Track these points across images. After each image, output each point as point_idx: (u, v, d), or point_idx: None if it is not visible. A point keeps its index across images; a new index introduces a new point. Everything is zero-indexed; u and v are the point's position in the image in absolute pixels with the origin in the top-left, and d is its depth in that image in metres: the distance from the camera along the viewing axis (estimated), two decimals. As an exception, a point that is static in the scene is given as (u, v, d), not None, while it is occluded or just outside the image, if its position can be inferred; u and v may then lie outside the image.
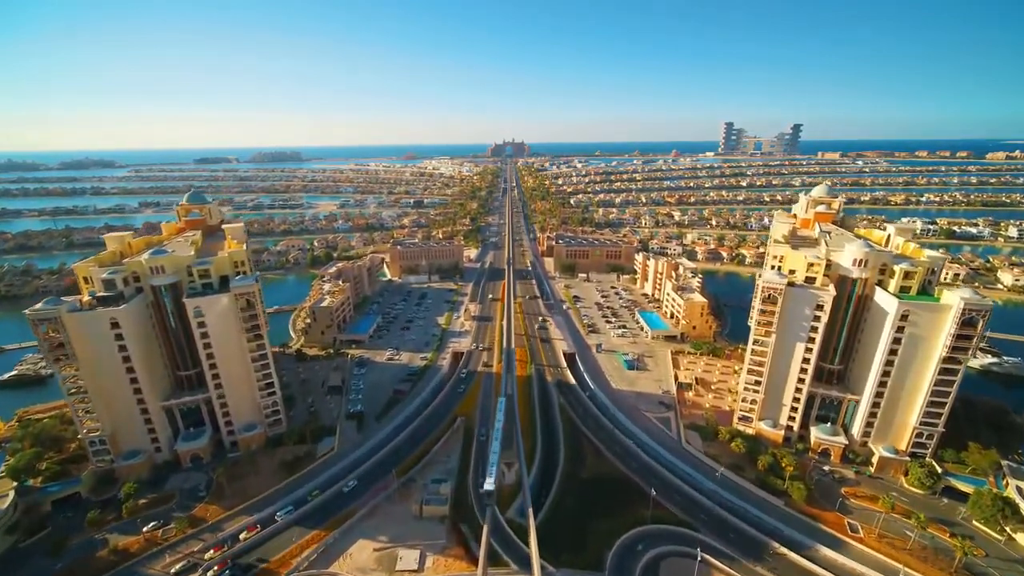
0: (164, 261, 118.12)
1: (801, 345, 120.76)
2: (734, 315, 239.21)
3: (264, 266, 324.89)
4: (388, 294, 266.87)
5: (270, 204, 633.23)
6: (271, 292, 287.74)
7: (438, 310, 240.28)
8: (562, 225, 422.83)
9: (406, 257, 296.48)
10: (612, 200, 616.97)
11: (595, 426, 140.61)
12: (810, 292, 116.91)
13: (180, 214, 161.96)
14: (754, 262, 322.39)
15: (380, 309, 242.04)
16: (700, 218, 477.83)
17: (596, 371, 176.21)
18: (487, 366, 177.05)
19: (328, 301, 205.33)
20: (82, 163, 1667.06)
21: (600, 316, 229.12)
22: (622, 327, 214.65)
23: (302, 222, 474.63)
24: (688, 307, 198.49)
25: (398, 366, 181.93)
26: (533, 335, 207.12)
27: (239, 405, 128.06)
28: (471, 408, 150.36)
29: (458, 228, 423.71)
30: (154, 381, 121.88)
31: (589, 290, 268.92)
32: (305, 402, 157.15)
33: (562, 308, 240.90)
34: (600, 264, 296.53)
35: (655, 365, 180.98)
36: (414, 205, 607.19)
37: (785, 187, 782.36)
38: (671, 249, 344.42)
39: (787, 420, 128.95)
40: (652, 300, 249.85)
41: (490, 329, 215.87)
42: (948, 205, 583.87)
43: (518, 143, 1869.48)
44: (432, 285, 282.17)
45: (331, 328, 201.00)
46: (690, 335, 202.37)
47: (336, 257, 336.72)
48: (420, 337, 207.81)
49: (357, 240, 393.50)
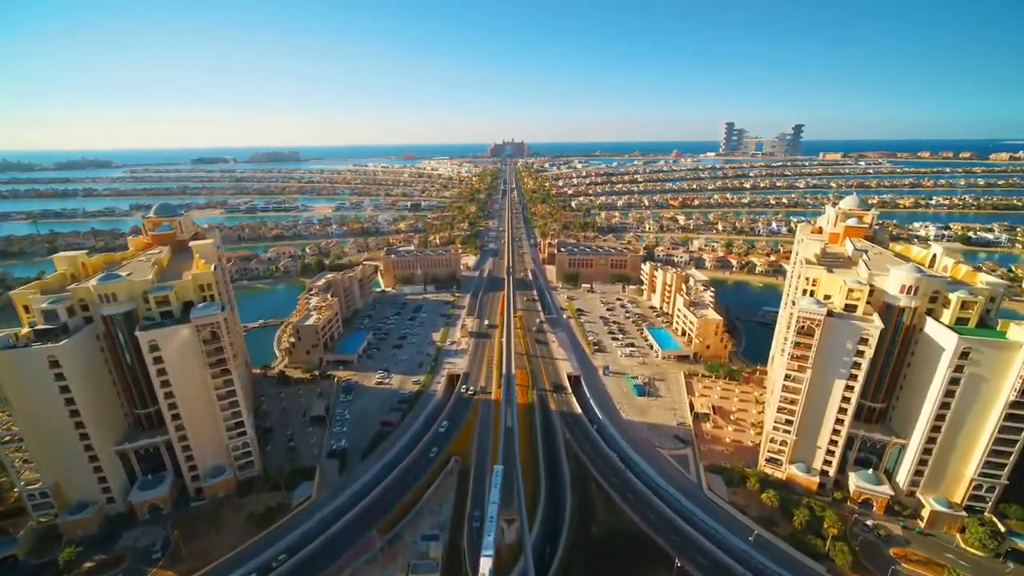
0: (116, 288, 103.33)
1: (841, 382, 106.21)
2: (748, 330, 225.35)
3: (252, 275, 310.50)
4: (381, 307, 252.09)
5: (264, 207, 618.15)
6: (258, 303, 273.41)
7: (433, 325, 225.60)
8: (563, 230, 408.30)
9: (400, 266, 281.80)
10: (614, 203, 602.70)
11: (605, 467, 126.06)
12: (853, 324, 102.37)
13: (146, 228, 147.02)
14: (765, 271, 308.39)
15: (372, 324, 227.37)
16: (706, 222, 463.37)
17: (603, 397, 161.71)
18: (485, 392, 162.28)
19: (314, 318, 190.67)
20: (77, 163, 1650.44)
21: (606, 332, 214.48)
22: (630, 345, 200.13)
23: (295, 226, 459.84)
24: (702, 325, 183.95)
25: (388, 391, 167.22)
26: (535, 354, 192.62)
27: (204, 447, 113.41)
28: (467, 445, 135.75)
29: (456, 233, 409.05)
30: (106, 423, 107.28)
31: (593, 302, 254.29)
32: (284, 435, 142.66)
33: (565, 323, 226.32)
34: (604, 274, 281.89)
35: (667, 390, 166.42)
36: (411, 208, 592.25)
37: (789, 189, 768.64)
38: (678, 256, 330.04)
39: (822, 464, 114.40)
40: (661, 313, 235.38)
41: (489, 347, 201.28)
42: (958, 208, 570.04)
43: (518, 143, 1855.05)
44: (428, 296, 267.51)
45: (317, 348, 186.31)
46: (704, 355, 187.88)
47: (328, 265, 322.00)
48: (413, 357, 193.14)
49: (351, 246, 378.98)
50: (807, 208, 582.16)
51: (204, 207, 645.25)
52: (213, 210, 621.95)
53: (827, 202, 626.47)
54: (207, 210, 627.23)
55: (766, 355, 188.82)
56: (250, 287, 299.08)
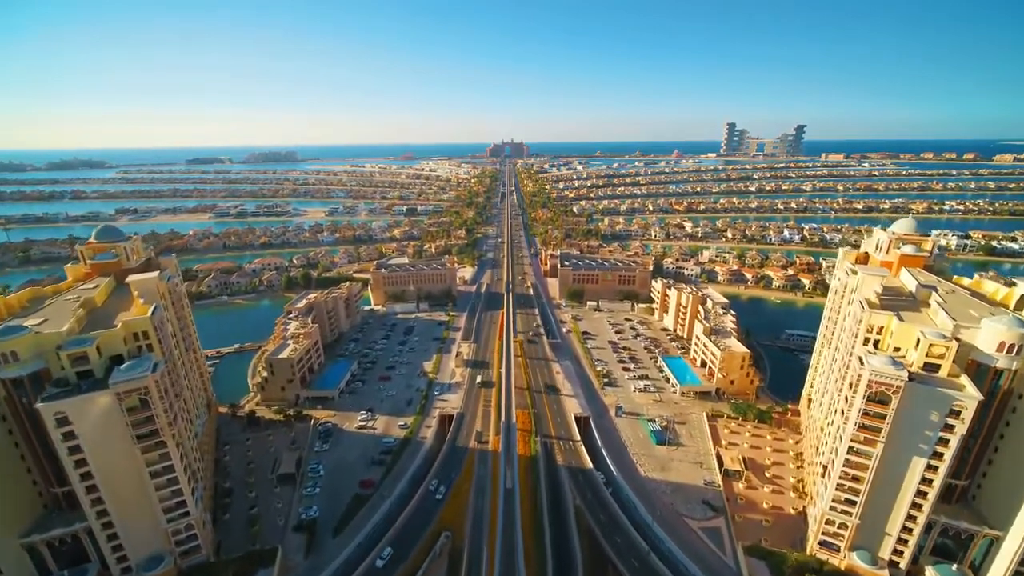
0: (18, 344, 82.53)
1: (921, 460, 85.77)
2: (771, 356, 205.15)
3: (234, 289, 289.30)
4: (369, 328, 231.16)
5: (254, 211, 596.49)
6: (238, 322, 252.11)
7: (425, 351, 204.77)
8: (565, 239, 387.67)
9: (391, 282, 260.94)
10: (617, 207, 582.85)
11: (625, 546, 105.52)
12: (943, 393, 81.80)
13: (85, 255, 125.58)
14: (782, 285, 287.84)
15: (358, 349, 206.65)
16: (714, 229, 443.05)
17: (617, 446, 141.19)
18: (482, 442, 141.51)
19: (290, 349, 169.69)
20: (70, 164, 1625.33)
21: (616, 361, 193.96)
22: (643, 377, 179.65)
23: (285, 233, 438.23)
24: (726, 359, 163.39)
25: (371, 437, 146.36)
26: (537, 389, 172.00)
27: (136, 533, 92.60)
28: (459, 513, 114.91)
29: (452, 242, 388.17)
30: (8, 509, 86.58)
31: (600, 323, 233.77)
32: (247, 498, 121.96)
33: (570, 348, 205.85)
34: (611, 290, 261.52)
35: (689, 436, 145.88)
36: (407, 213, 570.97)
37: (796, 192, 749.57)
38: (688, 269, 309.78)
39: (892, 554, 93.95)
40: (675, 337, 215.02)
41: (486, 378, 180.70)
42: (973, 214, 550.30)
43: (517, 143, 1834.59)
44: (420, 315, 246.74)
45: (293, 383, 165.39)
46: (727, 391, 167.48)
47: (315, 278, 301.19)
48: (401, 391, 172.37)
49: (341, 255, 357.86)
50: (816, 214, 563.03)
51: (194, 211, 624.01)
52: (202, 214, 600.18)
53: (833, 205, 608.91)
54: (196, 214, 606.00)
55: (795, 389, 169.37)
56: (230, 304, 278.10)
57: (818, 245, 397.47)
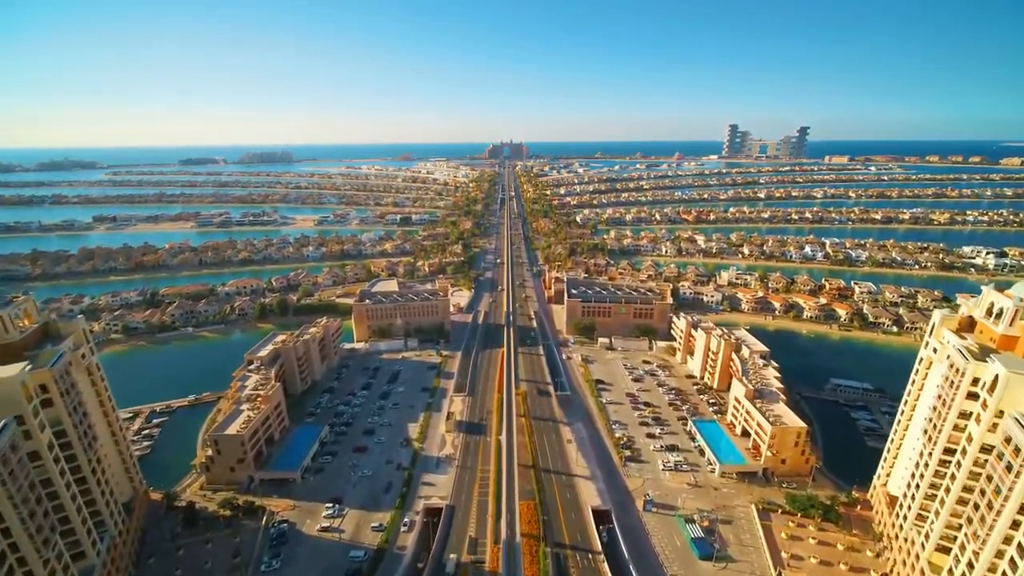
0: None
1: None
2: (818, 414, 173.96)
3: (200, 319, 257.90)
4: (348, 373, 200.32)
5: (239, 220, 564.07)
6: (202, 360, 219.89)
7: (411, 407, 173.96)
8: (570, 256, 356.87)
9: (376, 315, 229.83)
10: (622, 216, 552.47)
11: None
12: None
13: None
14: (814, 316, 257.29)
15: (331, 404, 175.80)
16: (728, 244, 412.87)
17: (649, 560, 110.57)
18: (477, 561, 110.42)
19: (243, 419, 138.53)
20: (60, 164, 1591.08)
21: (637, 422, 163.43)
22: (673, 448, 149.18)
23: (267, 247, 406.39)
24: (779, 437, 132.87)
25: (336, 546, 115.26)
26: (546, 467, 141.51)
27: None
28: None
29: (448, 259, 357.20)
30: None
31: (615, 367, 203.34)
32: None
33: (582, 404, 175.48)
34: (626, 325, 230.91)
35: (739, 543, 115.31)
36: (400, 222, 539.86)
37: (807, 200, 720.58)
38: (708, 296, 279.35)
39: None
40: (703, 388, 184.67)
41: (483, 448, 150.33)
42: (998, 226, 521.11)
43: (516, 144, 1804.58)
44: (408, 355, 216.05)
45: (245, 463, 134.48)
46: (777, 471, 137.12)
47: (295, 304, 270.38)
48: (379, 470, 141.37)
49: (325, 275, 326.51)
50: (832, 224, 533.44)
51: (176, 219, 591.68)
52: (184, 223, 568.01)
53: (849, 215, 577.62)
54: (178, 223, 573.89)
55: (856, 464, 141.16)
56: (196, 337, 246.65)
57: (843, 263, 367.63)
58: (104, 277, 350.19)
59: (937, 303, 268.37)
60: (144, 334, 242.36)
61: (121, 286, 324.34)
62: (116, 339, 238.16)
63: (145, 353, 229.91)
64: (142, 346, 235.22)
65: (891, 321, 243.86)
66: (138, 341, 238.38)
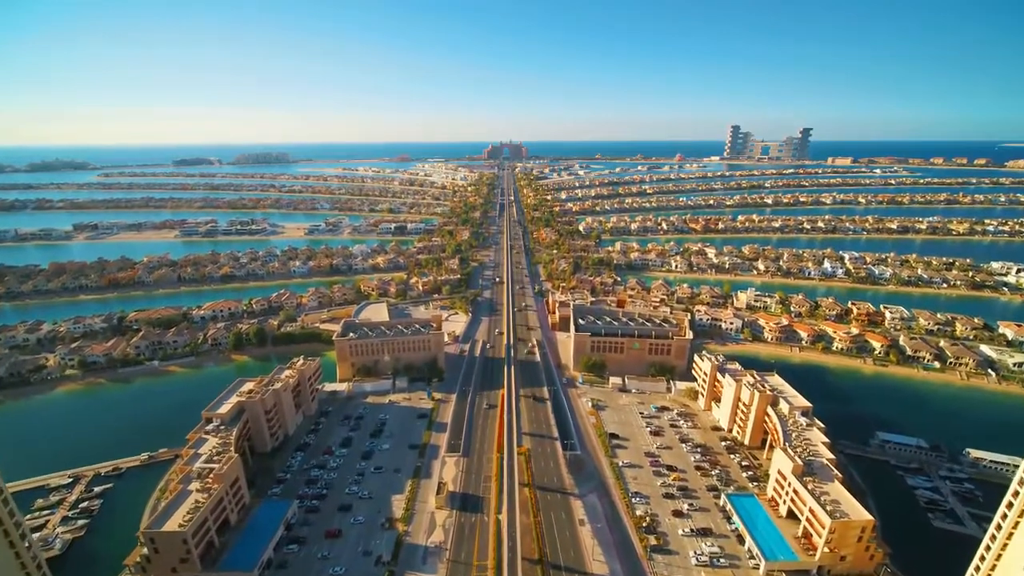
0: None
1: None
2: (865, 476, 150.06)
3: (168, 351, 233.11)
4: (326, 424, 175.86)
5: (226, 228, 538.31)
6: (163, 402, 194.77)
7: (396, 471, 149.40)
8: (575, 274, 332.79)
9: (361, 352, 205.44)
10: (627, 226, 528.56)
11: None
12: None
13: None
14: (845, 348, 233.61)
15: (303, 466, 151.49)
16: (741, 258, 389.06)
17: None
18: None
19: (189, 506, 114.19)
20: (51, 164, 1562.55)
21: (661, 493, 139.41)
22: (705, 533, 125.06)
23: (251, 262, 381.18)
24: (840, 532, 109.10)
25: None
26: (556, 560, 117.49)
27: None
28: None
29: (443, 276, 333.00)
30: None
31: (630, 415, 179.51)
32: None
33: (595, 466, 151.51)
34: (640, 362, 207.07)
35: None
36: (395, 231, 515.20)
37: (815, 205, 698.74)
38: (726, 323, 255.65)
39: None
40: (732, 445, 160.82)
41: (480, 531, 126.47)
42: (1021, 236, 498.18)
43: (515, 145, 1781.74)
44: (396, 398, 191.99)
45: (188, 564, 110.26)
46: (834, 568, 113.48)
47: (274, 333, 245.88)
48: (355, 565, 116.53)
49: (311, 296, 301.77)
50: (847, 234, 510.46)
51: (160, 227, 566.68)
52: (168, 231, 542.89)
53: (863, 224, 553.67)
54: (162, 231, 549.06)
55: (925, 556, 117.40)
56: (162, 372, 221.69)
57: (865, 280, 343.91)
58: (73, 296, 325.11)
59: (978, 331, 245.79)
60: (104, 370, 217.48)
61: (91, 307, 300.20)
62: (72, 375, 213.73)
63: (102, 393, 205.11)
64: (100, 384, 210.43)
65: (931, 356, 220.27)
66: (97, 378, 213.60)
